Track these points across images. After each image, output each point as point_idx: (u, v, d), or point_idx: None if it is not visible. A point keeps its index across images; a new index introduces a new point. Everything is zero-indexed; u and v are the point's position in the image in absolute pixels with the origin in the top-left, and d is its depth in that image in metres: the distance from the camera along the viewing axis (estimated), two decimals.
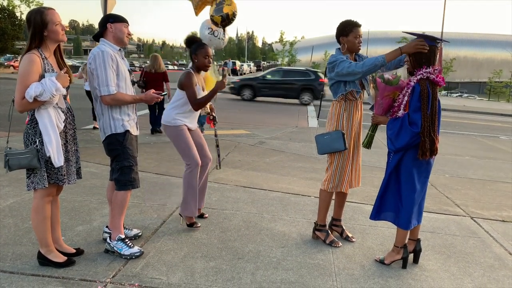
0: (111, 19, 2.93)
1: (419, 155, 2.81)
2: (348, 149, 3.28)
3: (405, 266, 3.10)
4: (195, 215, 3.56)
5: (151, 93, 3.04)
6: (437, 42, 2.86)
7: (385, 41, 57.48)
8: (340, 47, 3.31)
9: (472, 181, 6.17)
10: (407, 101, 2.85)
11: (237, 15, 6.69)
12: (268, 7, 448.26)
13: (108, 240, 3.02)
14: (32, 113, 2.58)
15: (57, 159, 2.60)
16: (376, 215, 3.11)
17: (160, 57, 8.45)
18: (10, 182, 4.50)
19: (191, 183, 3.45)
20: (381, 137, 8.29)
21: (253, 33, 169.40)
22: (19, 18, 29.24)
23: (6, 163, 2.57)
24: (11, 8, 29.49)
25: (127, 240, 3.03)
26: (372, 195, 4.88)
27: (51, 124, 2.57)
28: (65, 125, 2.71)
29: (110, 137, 2.94)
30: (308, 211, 4.23)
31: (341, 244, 3.44)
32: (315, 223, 3.56)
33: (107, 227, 3.23)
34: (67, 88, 2.69)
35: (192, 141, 3.48)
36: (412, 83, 2.82)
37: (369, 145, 3.22)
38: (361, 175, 3.56)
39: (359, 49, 3.30)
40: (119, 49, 2.96)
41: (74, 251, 2.94)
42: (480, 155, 8.54)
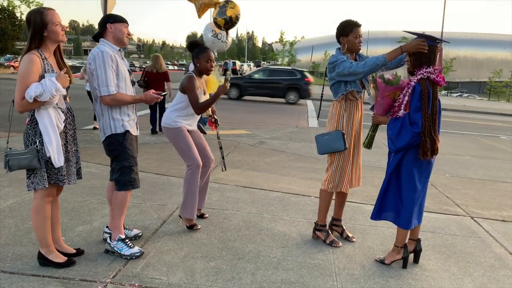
0: (111, 19, 2.93)
1: (420, 155, 2.81)
2: (348, 149, 3.28)
3: (405, 266, 3.10)
4: (195, 218, 3.55)
5: (151, 93, 3.04)
6: (437, 42, 2.86)
7: (385, 41, 57.50)
8: (340, 47, 3.31)
9: (472, 181, 6.17)
10: (407, 101, 2.84)
11: (240, 18, 6.70)
12: (268, 7, 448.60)
13: (108, 240, 3.02)
14: (32, 113, 2.58)
15: (57, 159, 2.60)
16: (377, 215, 3.11)
17: (161, 57, 8.49)
18: (10, 182, 4.51)
19: (192, 185, 3.45)
20: (381, 137, 8.29)
21: (253, 33, 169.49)
22: (19, 18, 29.25)
23: (6, 163, 2.57)
24: (11, 8, 29.50)
25: (127, 240, 3.03)
26: (372, 195, 4.88)
27: (51, 124, 2.57)
28: (65, 126, 2.71)
29: (110, 138, 2.94)
30: (308, 211, 4.23)
31: (341, 244, 3.44)
32: (315, 223, 3.55)
33: (107, 227, 3.23)
34: (67, 88, 2.69)
35: (192, 142, 3.48)
36: (412, 83, 2.82)
37: (369, 145, 3.22)
38: (361, 175, 3.56)
39: (360, 49, 3.29)
40: (119, 49, 2.96)
41: (74, 251, 2.94)
42: (480, 155, 8.54)
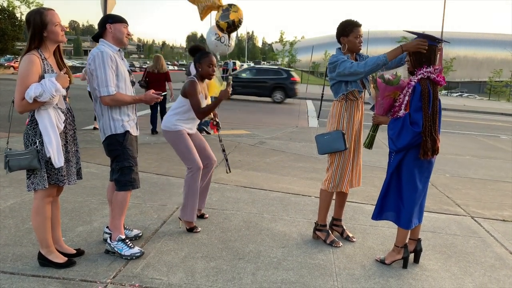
0: (110, 19, 2.93)
1: (421, 155, 2.81)
2: (348, 149, 3.28)
3: (405, 266, 3.09)
4: (195, 220, 3.55)
5: (150, 93, 3.04)
6: (437, 42, 2.86)
7: (385, 40, 57.49)
8: (340, 47, 3.30)
9: (472, 180, 6.16)
10: (408, 100, 2.84)
11: (242, 22, 6.72)
12: (268, 7, 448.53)
13: (108, 240, 3.01)
14: (32, 114, 2.58)
15: (57, 159, 2.60)
16: (377, 215, 3.11)
17: (162, 57, 8.57)
18: (10, 183, 4.50)
19: (192, 187, 3.45)
20: (381, 137, 8.28)
21: (253, 33, 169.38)
22: (19, 19, 29.22)
23: (6, 164, 2.57)
24: (11, 9, 29.47)
25: (127, 240, 3.02)
26: (372, 195, 4.88)
27: (51, 124, 2.57)
28: (65, 126, 2.71)
29: (110, 138, 2.94)
30: (308, 211, 4.23)
31: (341, 244, 3.44)
32: (315, 223, 3.55)
33: (107, 227, 3.23)
34: (67, 88, 2.69)
35: (192, 144, 3.48)
36: (412, 83, 2.82)
37: (370, 145, 3.22)
38: (362, 175, 3.56)
39: (360, 49, 3.29)
40: (119, 50, 2.96)
41: (74, 251, 2.94)
42: (480, 154, 8.54)
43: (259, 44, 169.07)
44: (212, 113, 3.93)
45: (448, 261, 3.28)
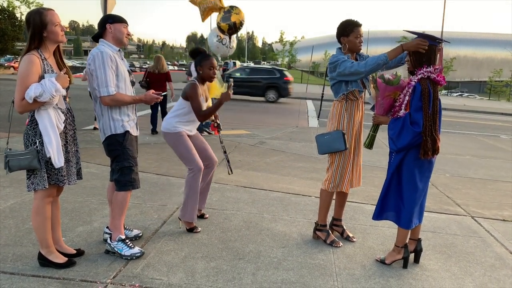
0: (110, 19, 2.93)
1: (421, 155, 2.81)
2: (349, 149, 3.28)
3: (406, 266, 3.09)
4: (195, 220, 3.55)
5: (150, 93, 3.04)
6: (438, 42, 2.86)
7: (385, 40, 57.48)
8: (340, 46, 3.30)
9: (472, 180, 6.16)
10: (408, 100, 2.84)
11: (244, 24, 6.74)
12: (268, 7, 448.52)
13: (108, 240, 3.01)
14: (32, 114, 2.58)
15: (57, 159, 2.60)
16: (378, 215, 3.10)
17: (163, 58, 8.62)
18: (10, 183, 4.50)
19: (192, 188, 3.44)
20: (381, 136, 8.28)
21: (253, 33, 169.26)
22: (19, 19, 29.22)
23: (6, 164, 2.57)
24: (11, 9, 29.48)
25: (127, 240, 3.02)
26: (372, 195, 4.88)
27: (51, 125, 2.57)
28: (65, 126, 2.71)
29: (110, 138, 2.94)
30: (308, 211, 4.23)
31: (341, 244, 3.44)
32: (315, 223, 3.55)
33: (107, 227, 3.23)
34: (67, 88, 2.69)
35: (192, 146, 3.48)
36: (413, 83, 2.82)
37: (370, 145, 3.22)
38: (362, 174, 3.55)
39: (360, 49, 3.29)
40: (119, 50, 2.96)
41: (74, 251, 2.94)
42: (480, 154, 8.54)
43: (259, 44, 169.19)
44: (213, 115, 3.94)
45: (448, 261, 3.28)
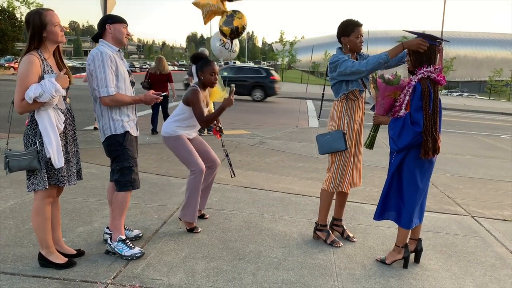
0: (110, 20, 2.93)
1: (422, 154, 2.80)
2: (349, 149, 3.28)
3: (406, 265, 3.09)
4: (195, 221, 3.55)
5: (150, 93, 3.04)
6: (438, 42, 2.86)
7: (385, 40, 57.48)
8: (341, 46, 3.30)
9: (473, 180, 6.16)
10: (408, 100, 2.84)
11: (246, 29, 6.74)
12: (268, 7, 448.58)
13: (108, 241, 3.01)
14: (32, 114, 2.57)
15: (57, 160, 2.60)
16: (379, 215, 3.10)
17: (164, 59, 8.68)
18: (11, 183, 4.50)
19: (194, 189, 3.44)
20: (381, 136, 8.28)
21: (253, 33, 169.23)
22: (19, 19, 29.24)
23: (6, 164, 2.57)
24: (11, 9, 29.49)
25: (127, 241, 3.02)
26: (373, 195, 4.88)
27: (51, 125, 2.57)
28: (65, 126, 2.71)
29: (110, 138, 2.94)
30: (309, 211, 4.22)
31: (342, 244, 3.44)
32: (316, 223, 3.55)
33: (107, 228, 3.23)
34: (67, 89, 2.69)
35: (192, 148, 3.48)
36: (413, 82, 2.81)
37: (371, 145, 3.21)
38: (362, 174, 3.55)
39: (361, 48, 3.28)
40: (118, 50, 2.96)
41: (74, 252, 2.94)
42: (481, 154, 8.53)
43: (259, 44, 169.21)
44: None
45: (448, 261, 3.28)
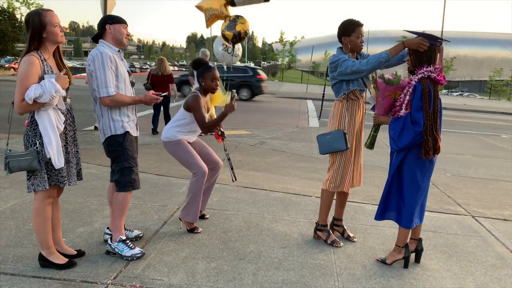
0: (110, 20, 2.93)
1: (422, 154, 2.80)
2: (350, 149, 3.28)
3: (406, 265, 3.09)
4: (196, 222, 3.55)
5: (150, 94, 3.04)
6: (438, 41, 2.86)
7: (385, 40, 57.43)
8: (341, 46, 3.30)
9: (473, 180, 6.15)
10: (408, 100, 2.84)
11: (248, 34, 6.74)
12: (268, 7, 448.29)
13: (109, 241, 3.01)
14: (32, 115, 2.57)
15: (58, 160, 2.60)
16: (380, 216, 3.10)
17: (166, 60, 8.76)
18: (11, 184, 4.50)
19: (196, 191, 3.44)
20: (382, 136, 8.28)
21: (253, 33, 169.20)
22: (19, 20, 29.24)
23: (6, 165, 2.57)
24: (11, 10, 29.50)
25: (128, 241, 3.02)
26: (373, 195, 4.88)
27: (51, 125, 2.57)
28: (65, 127, 2.71)
29: (110, 139, 2.94)
30: (309, 211, 4.22)
31: (342, 244, 3.43)
32: (316, 223, 3.55)
33: (108, 228, 3.22)
34: (67, 89, 2.69)
35: (193, 151, 3.48)
36: (413, 82, 2.81)
37: (371, 145, 3.21)
38: (362, 174, 3.55)
39: (361, 48, 3.29)
40: (118, 50, 2.96)
41: (75, 252, 2.94)
42: (481, 153, 8.53)
43: (259, 44, 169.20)
44: None
45: (449, 261, 3.28)
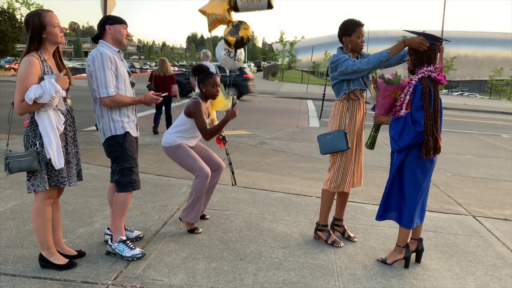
0: (110, 20, 2.93)
1: (423, 154, 2.80)
2: (350, 149, 3.27)
3: (407, 265, 3.08)
4: (197, 222, 3.54)
5: (150, 94, 3.04)
6: (439, 41, 2.85)
7: (385, 40, 57.38)
8: (342, 46, 3.29)
9: (474, 179, 6.15)
10: (409, 100, 2.83)
11: (251, 40, 6.75)
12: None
13: (109, 242, 3.01)
14: (32, 115, 2.57)
15: (58, 161, 2.60)
16: (381, 216, 3.10)
17: (167, 61, 8.82)
18: (11, 184, 4.50)
19: (198, 193, 3.43)
20: (382, 136, 8.28)
21: (253, 33, 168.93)
22: (19, 20, 29.24)
23: (6, 166, 2.57)
24: (11, 10, 29.50)
25: (128, 241, 3.02)
26: (374, 195, 4.88)
27: (51, 126, 2.57)
28: (65, 127, 2.71)
29: (110, 139, 2.94)
30: (309, 211, 4.22)
31: (343, 244, 3.43)
32: (317, 223, 3.54)
33: (108, 229, 3.22)
34: (67, 90, 2.69)
35: (194, 154, 3.48)
36: (413, 82, 2.81)
37: (372, 145, 3.20)
38: (363, 174, 3.55)
39: (362, 48, 3.28)
40: (118, 51, 2.96)
41: (75, 253, 2.94)
42: (481, 153, 8.52)
43: (259, 44, 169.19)
44: None
45: (449, 261, 3.27)
